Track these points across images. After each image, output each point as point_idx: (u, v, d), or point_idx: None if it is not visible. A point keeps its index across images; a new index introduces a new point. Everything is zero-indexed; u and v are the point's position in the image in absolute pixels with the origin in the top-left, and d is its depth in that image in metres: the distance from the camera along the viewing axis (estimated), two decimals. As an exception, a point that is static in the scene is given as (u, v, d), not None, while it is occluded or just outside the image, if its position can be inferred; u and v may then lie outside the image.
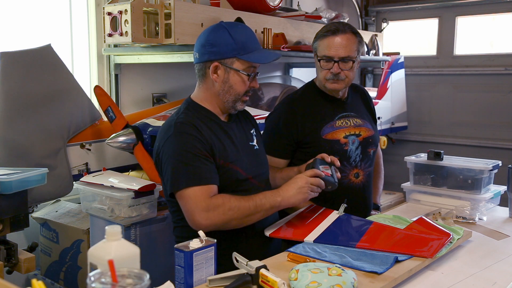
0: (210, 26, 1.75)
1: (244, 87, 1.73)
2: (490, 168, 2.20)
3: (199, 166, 1.61)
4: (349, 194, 2.02)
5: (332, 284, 1.26)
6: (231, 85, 1.71)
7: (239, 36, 1.70)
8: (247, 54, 1.70)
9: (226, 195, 1.62)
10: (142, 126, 2.31)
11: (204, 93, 1.76)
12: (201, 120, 1.71)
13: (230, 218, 1.59)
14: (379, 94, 3.98)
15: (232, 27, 1.72)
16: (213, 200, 1.59)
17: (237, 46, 1.68)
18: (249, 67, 1.71)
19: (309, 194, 1.66)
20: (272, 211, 1.66)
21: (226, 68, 1.70)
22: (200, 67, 1.74)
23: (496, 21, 4.04)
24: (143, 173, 2.37)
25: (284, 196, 1.64)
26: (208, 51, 1.69)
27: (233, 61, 1.70)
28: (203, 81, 1.75)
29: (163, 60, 2.63)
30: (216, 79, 1.71)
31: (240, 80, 1.71)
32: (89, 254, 1.03)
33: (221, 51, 1.68)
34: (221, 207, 1.58)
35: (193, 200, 1.58)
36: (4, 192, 1.71)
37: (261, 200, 1.63)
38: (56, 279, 2.40)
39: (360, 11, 4.48)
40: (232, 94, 1.72)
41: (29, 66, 2.15)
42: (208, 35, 1.70)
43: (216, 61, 1.69)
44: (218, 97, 1.74)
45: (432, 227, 1.73)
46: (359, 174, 2.12)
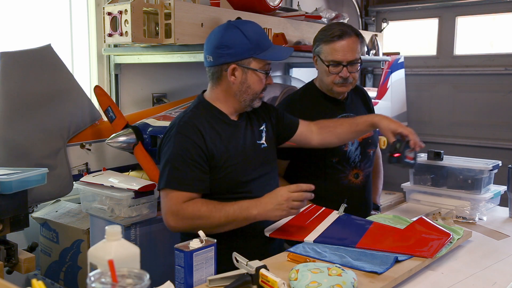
0: (220, 27, 1.73)
1: (261, 86, 1.73)
2: (490, 168, 2.20)
3: (185, 171, 1.62)
4: (349, 195, 2.03)
5: (332, 284, 1.26)
6: (249, 85, 1.71)
7: (253, 34, 1.68)
8: (263, 52, 1.69)
9: (199, 202, 1.61)
10: (142, 126, 2.31)
11: (219, 93, 1.75)
12: (208, 120, 1.71)
13: (197, 227, 1.53)
14: (379, 94, 3.98)
15: (243, 25, 1.70)
16: (184, 206, 1.60)
17: (252, 45, 1.67)
18: (265, 65, 1.71)
19: (288, 212, 1.58)
20: (247, 223, 1.63)
21: (244, 68, 1.69)
22: (215, 69, 1.72)
23: (496, 21, 4.03)
24: (143, 173, 2.37)
25: (261, 210, 1.59)
26: (224, 54, 1.67)
27: (250, 61, 1.69)
28: (218, 82, 1.74)
29: (163, 60, 2.62)
30: (234, 81, 1.70)
31: (257, 79, 1.71)
32: (89, 254, 1.03)
33: (237, 52, 1.67)
34: (190, 215, 1.59)
35: (167, 201, 1.62)
36: (4, 192, 1.71)
37: (234, 212, 1.59)
38: (56, 279, 2.40)
39: (360, 11, 4.48)
40: (250, 94, 1.72)
41: (29, 66, 2.15)
42: (222, 36, 1.68)
43: (233, 63, 1.68)
44: (235, 97, 1.73)
45: (432, 227, 1.73)
46: (359, 175, 2.12)
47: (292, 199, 1.57)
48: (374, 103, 3.78)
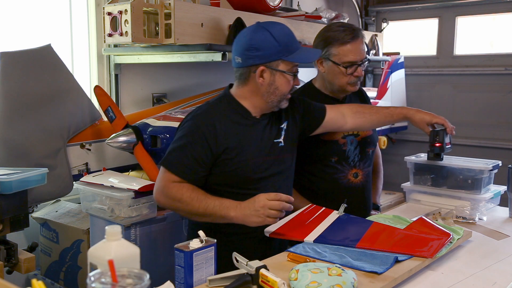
0: (249, 28, 1.75)
1: (289, 87, 1.75)
2: (490, 168, 2.20)
3: (183, 158, 1.67)
4: (349, 194, 2.03)
5: (332, 284, 1.26)
6: (277, 86, 1.72)
7: (281, 37, 1.69)
8: (291, 54, 1.70)
9: (185, 187, 1.66)
10: (142, 126, 2.31)
11: (245, 93, 1.77)
12: (228, 114, 1.74)
13: (177, 208, 1.68)
14: (379, 94, 3.98)
15: (272, 27, 1.71)
16: (171, 186, 1.66)
17: (281, 47, 1.68)
18: (293, 67, 1.73)
19: (264, 219, 1.57)
20: (224, 221, 1.64)
21: (272, 70, 1.70)
22: (243, 71, 1.73)
23: (496, 21, 4.04)
24: (143, 173, 2.37)
25: (238, 213, 1.60)
26: (253, 56, 1.68)
27: (278, 63, 1.70)
28: (245, 83, 1.75)
29: (163, 60, 2.63)
30: (262, 83, 1.71)
31: (285, 81, 1.72)
32: (89, 254, 1.03)
33: (266, 54, 1.68)
34: (172, 196, 1.66)
35: (160, 177, 1.70)
36: (4, 192, 1.71)
37: (214, 208, 1.62)
38: (56, 279, 2.40)
39: (360, 11, 4.48)
40: (277, 95, 1.74)
41: (29, 66, 2.15)
42: (251, 38, 1.69)
43: (262, 65, 1.69)
44: (262, 98, 1.75)
45: (432, 227, 1.73)
46: (358, 174, 2.13)
47: (269, 207, 1.57)
48: (374, 103, 3.81)
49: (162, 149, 2.28)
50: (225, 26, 2.61)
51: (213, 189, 1.71)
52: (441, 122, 2.05)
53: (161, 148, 2.28)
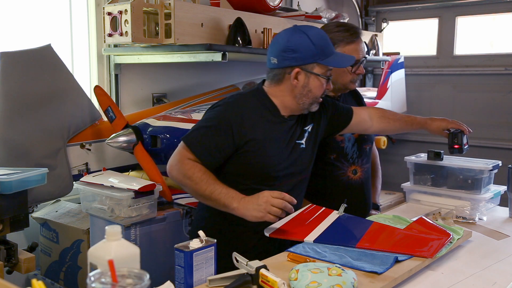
0: (287, 30, 1.77)
1: (322, 90, 1.78)
2: (490, 168, 2.21)
3: (205, 141, 1.69)
4: (349, 191, 2.06)
5: (332, 284, 1.26)
6: (310, 89, 1.75)
7: (318, 40, 1.72)
8: (327, 58, 1.73)
9: (199, 167, 1.67)
10: (142, 126, 2.31)
11: (278, 92, 1.79)
12: (258, 108, 1.76)
13: (185, 185, 1.70)
14: (379, 94, 3.98)
15: (309, 31, 1.74)
16: (186, 162, 1.68)
17: (317, 51, 1.71)
18: (327, 70, 1.75)
19: (265, 215, 1.57)
20: (226, 210, 1.66)
21: (307, 73, 1.73)
22: (278, 71, 1.76)
23: (496, 21, 4.03)
24: (143, 173, 2.37)
25: (241, 205, 1.61)
26: (289, 57, 1.71)
27: (313, 66, 1.73)
28: (279, 84, 1.78)
29: (163, 60, 2.62)
30: (296, 84, 1.74)
31: (319, 84, 1.75)
32: (89, 254, 1.03)
33: (303, 57, 1.71)
34: (184, 172, 1.67)
35: (177, 151, 1.72)
36: (4, 192, 1.71)
37: (219, 194, 1.64)
38: (56, 279, 2.40)
39: (360, 11, 4.48)
40: (310, 98, 1.77)
41: (29, 66, 2.15)
42: (288, 40, 1.72)
43: (298, 67, 1.72)
44: (294, 99, 1.77)
45: (432, 227, 1.73)
46: (357, 171, 2.15)
47: (271, 204, 1.57)
48: (374, 103, 3.81)
49: (162, 149, 2.28)
50: (225, 26, 2.61)
51: (230, 179, 1.72)
52: (456, 127, 2.14)
53: (161, 148, 2.28)
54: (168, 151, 2.30)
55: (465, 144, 2.17)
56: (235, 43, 2.55)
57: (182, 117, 2.40)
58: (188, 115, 2.44)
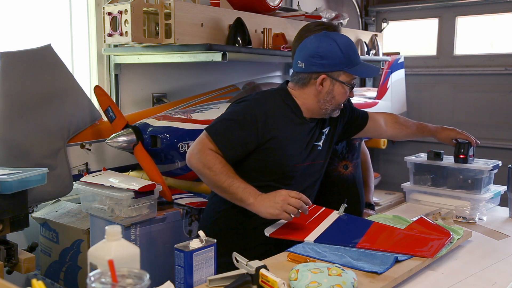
0: (316, 36, 1.79)
1: (345, 98, 1.80)
2: (490, 168, 2.21)
3: (228, 134, 1.70)
4: (341, 186, 2.09)
5: (332, 284, 1.26)
6: (334, 96, 1.77)
7: (346, 48, 1.74)
8: (353, 67, 1.75)
9: (220, 159, 1.68)
10: (142, 126, 2.31)
11: (301, 95, 1.81)
12: (281, 106, 1.78)
13: (204, 175, 1.69)
14: (379, 94, 3.98)
15: (339, 38, 1.76)
16: (208, 152, 1.69)
17: (345, 59, 1.73)
18: (352, 79, 1.78)
19: (282, 214, 1.59)
20: (241, 204, 1.67)
21: (333, 80, 1.75)
22: (304, 76, 1.78)
23: (496, 21, 4.03)
24: (143, 173, 2.37)
25: (257, 202, 1.62)
26: (317, 63, 1.73)
27: (339, 74, 1.75)
28: (304, 87, 1.80)
29: (163, 60, 2.62)
30: (321, 90, 1.76)
31: (343, 91, 1.78)
32: (89, 254, 1.03)
33: (330, 64, 1.73)
34: (204, 161, 1.67)
35: (199, 140, 1.73)
36: (4, 192, 1.71)
37: (237, 188, 1.65)
38: (56, 279, 2.40)
39: (360, 11, 4.48)
40: (333, 104, 1.79)
41: (29, 66, 2.15)
42: (318, 46, 1.73)
43: (324, 73, 1.74)
44: (317, 104, 1.79)
45: (432, 227, 1.73)
46: (348, 166, 2.16)
47: (289, 202, 1.59)
48: (374, 103, 3.81)
49: (162, 149, 2.28)
50: (225, 26, 2.61)
51: (248, 175, 1.73)
52: (465, 138, 2.20)
53: (161, 148, 2.28)
54: (168, 151, 2.30)
55: (471, 156, 2.24)
56: (235, 43, 2.55)
57: (182, 117, 2.40)
58: (188, 115, 2.44)
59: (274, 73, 3.77)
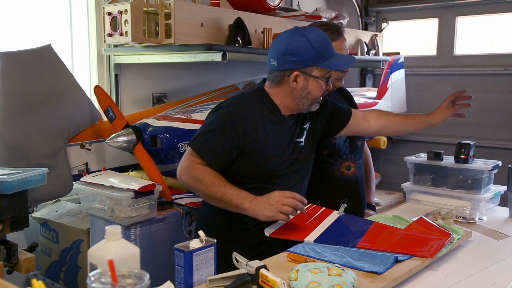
0: (287, 33, 1.78)
1: (321, 92, 1.79)
2: (490, 168, 2.21)
3: (212, 144, 1.70)
4: (343, 187, 2.08)
5: (332, 284, 1.26)
6: (309, 91, 1.76)
7: (318, 43, 1.73)
8: (326, 61, 1.74)
9: (209, 170, 1.69)
10: (142, 126, 2.31)
11: (277, 93, 1.81)
12: (259, 107, 1.78)
13: (196, 189, 1.71)
14: (379, 94, 3.98)
15: (310, 33, 1.74)
16: (196, 167, 1.70)
17: (316, 54, 1.72)
18: (326, 73, 1.76)
19: (276, 214, 1.59)
20: (237, 211, 1.67)
21: (306, 76, 1.74)
22: (278, 74, 1.78)
23: (496, 21, 4.04)
24: (143, 173, 2.37)
25: (253, 205, 1.63)
26: (288, 60, 1.72)
27: (312, 69, 1.74)
28: (279, 85, 1.79)
29: (163, 60, 2.62)
30: (295, 87, 1.76)
31: (318, 86, 1.76)
32: (89, 254, 1.03)
33: (302, 60, 1.72)
34: (194, 176, 1.69)
35: (185, 157, 1.74)
36: (4, 192, 1.71)
37: (231, 196, 1.65)
38: (56, 279, 2.40)
39: (360, 11, 4.48)
40: (309, 99, 1.78)
41: (29, 66, 2.15)
42: (288, 43, 1.73)
43: (297, 70, 1.73)
44: (294, 100, 1.79)
45: (432, 227, 1.73)
46: (351, 167, 2.16)
47: (283, 203, 1.59)
48: (374, 103, 3.81)
49: (162, 149, 2.28)
50: (225, 26, 2.61)
51: (236, 179, 1.74)
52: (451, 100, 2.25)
53: (161, 148, 2.28)
54: (168, 151, 2.30)
55: (471, 156, 2.26)
56: (235, 43, 2.55)
57: (182, 117, 2.40)
58: (188, 115, 2.44)
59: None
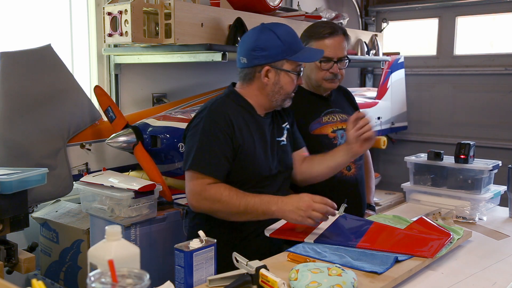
0: (254, 29, 1.78)
1: (293, 86, 1.79)
2: (490, 168, 2.21)
3: (211, 156, 1.67)
4: (343, 188, 2.07)
5: (332, 284, 1.26)
6: (281, 86, 1.77)
7: (286, 37, 1.74)
8: (295, 54, 1.75)
9: (222, 187, 1.66)
10: (142, 126, 2.31)
11: (250, 91, 1.80)
12: (238, 109, 1.77)
13: (216, 210, 1.66)
14: (379, 94, 3.98)
15: (277, 28, 1.75)
16: (208, 188, 1.65)
17: (285, 47, 1.73)
18: (296, 66, 1.77)
19: (304, 219, 1.59)
20: (265, 217, 1.66)
21: (277, 70, 1.75)
22: (248, 71, 1.78)
23: (496, 21, 4.04)
24: (143, 173, 2.37)
25: (280, 208, 1.62)
26: (258, 56, 1.73)
27: (283, 63, 1.75)
28: (251, 83, 1.79)
29: (163, 60, 2.63)
30: (267, 82, 1.76)
31: (290, 80, 1.77)
32: (89, 254, 1.03)
33: (271, 54, 1.72)
34: (211, 197, 1.64)
35: (191, 182, 1.68)
36: (4, 192, 1.71)
37: (254, 204, 1.63)
38: (56, 279, 2.40)
39: (360, 11, 4.48)
40: (282, 94, 1.78)
41: (29, 66, 2.15)
42: (256, 39, 1.73)
43: (267, 65, 1.73)
44: (267, 97, 1.79)
45: (432, 227, 1.73)
46: (351, 167, 2.15)
47: (313, 209, 1.58)
48: (374, 103, 3.81)
49: (162, 149, 2.28)
50: (225, 26, 2.61)
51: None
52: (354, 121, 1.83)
53: (161, 148, 2.28)
54: (168, 151, 2.30)
55: (471, 156, 2.26)
56: (235, 43, 2.55)
57: (182, 117, 2.40)
58: (188, 115, 2.44)
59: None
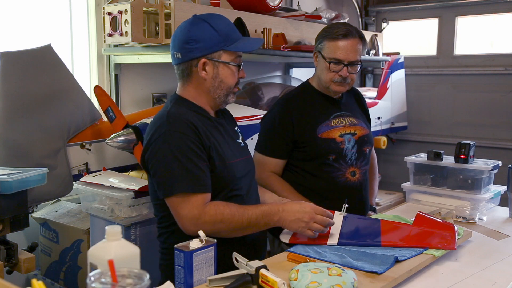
0: (186, 22, 1.66)
1: (234, 79, 1.67)
2: (490, 168, 2.21)
3: (196, 170, 1.53)
4: (347, 193, 2.04)
5: (332, 284, 1.26)
6: (221, 79, 1.64)
7: (221, 27, 1.63)
8: (233, 44, 1.64)
9: (220, 205, 1.54)
10: (142, 126, 2.31)
11: (191, 91, 1.67)
12: (194, 116, 1.62)
13: (219, 230, 1.53)
14: (379, 94, 3.98)
15: (211, 18, 1.64)
16: (206, 210, 1.52)
17: (221, 38, 1.61)
18: (236, 57, 1.66)
19: (305, 231, 1.57)
20: (266, 227, 1.62)
21: (215, 62, 1.62)
22: (185, 66, 1.64)
23: (496, 21, 4.04)
24: (143, 173, 2.37)
25: (282, 218, 1.58)
26: (193, 48, 1.60)
27: (220, 54, 1.63)
28: (189, 80, 1.66)
29: (163, 60, 2.62)
30: (205, 76, 1.63)
31: (230, 72, 1.65)
32: (89, 254, 1.02)
33: (206, 46, 1.60)
34: (212, 219, 1.51)
35: (184, 206, 1.51)
36: (4, 192, 1.71)
37: (257, 217, 1.57)
38: (56, 279, 2.40)
39: (360, 11, 4.48)
40: (223, 89, 1.66)
41: (29, 66, 2.15)
42: (189, 31, 1.61)
43: (203, 57, 1.61)
44: (209, 94, 1.66)
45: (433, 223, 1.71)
46: (356, 173, 2.13)
47: (314, 221, 1.58)
48: (374, 103, 3.81)
49: (162, 149, 2.28)
50: (225, 26, 2.61)
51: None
52: None
53: (161, 148, 2.28)
54: (168, 151, 2.30)
55: (471, 156, 2.26)
56: (235, 43, 2.55)
57: (182, 117, 2.40)
58: (188, 115, 2.44)
59: (274, 73, 3.77)
